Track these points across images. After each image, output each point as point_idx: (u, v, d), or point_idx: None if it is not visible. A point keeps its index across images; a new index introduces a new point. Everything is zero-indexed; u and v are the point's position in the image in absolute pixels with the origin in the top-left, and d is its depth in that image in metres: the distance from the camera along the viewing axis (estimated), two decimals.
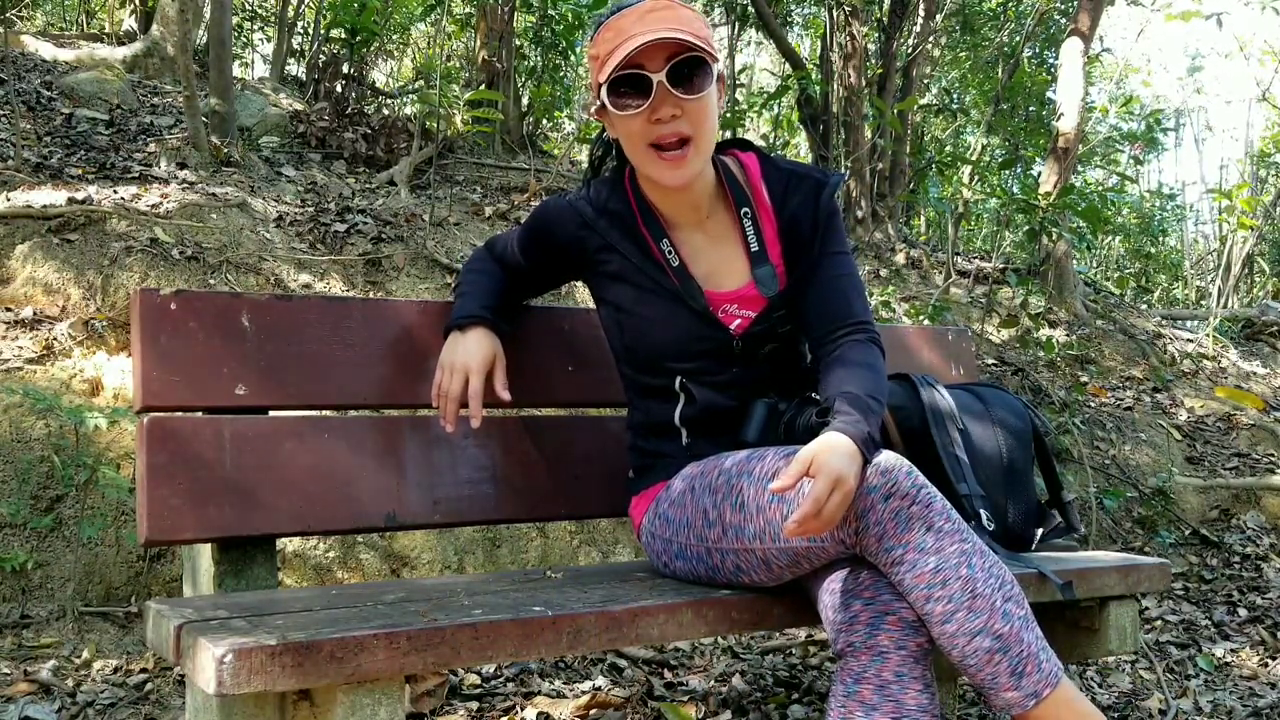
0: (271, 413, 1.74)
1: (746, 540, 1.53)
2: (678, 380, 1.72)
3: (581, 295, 3.83)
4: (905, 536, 1.39)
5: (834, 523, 1.38)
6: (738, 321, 1.70)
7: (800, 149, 8.75)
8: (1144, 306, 7.11)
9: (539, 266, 1.82)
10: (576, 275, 1.82)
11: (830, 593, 1.48)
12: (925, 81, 8.12)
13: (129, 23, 6.64)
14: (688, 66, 1.55)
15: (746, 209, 1.72)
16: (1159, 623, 3.18)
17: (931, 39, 7.06)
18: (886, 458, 1.43)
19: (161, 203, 3.47)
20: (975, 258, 6.35)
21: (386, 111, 5.72)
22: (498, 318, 1.79)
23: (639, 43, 1.51)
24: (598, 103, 1.62)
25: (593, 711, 2.24)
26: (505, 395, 1.75)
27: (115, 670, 2.22)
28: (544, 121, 6.24)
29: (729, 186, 1.73)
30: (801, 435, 1.63)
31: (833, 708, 1.44)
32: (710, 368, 1.71)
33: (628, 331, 1.74)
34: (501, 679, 2.42)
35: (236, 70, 6.08)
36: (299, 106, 5.45)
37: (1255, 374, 5.70)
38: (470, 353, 1.73)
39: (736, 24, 6.79)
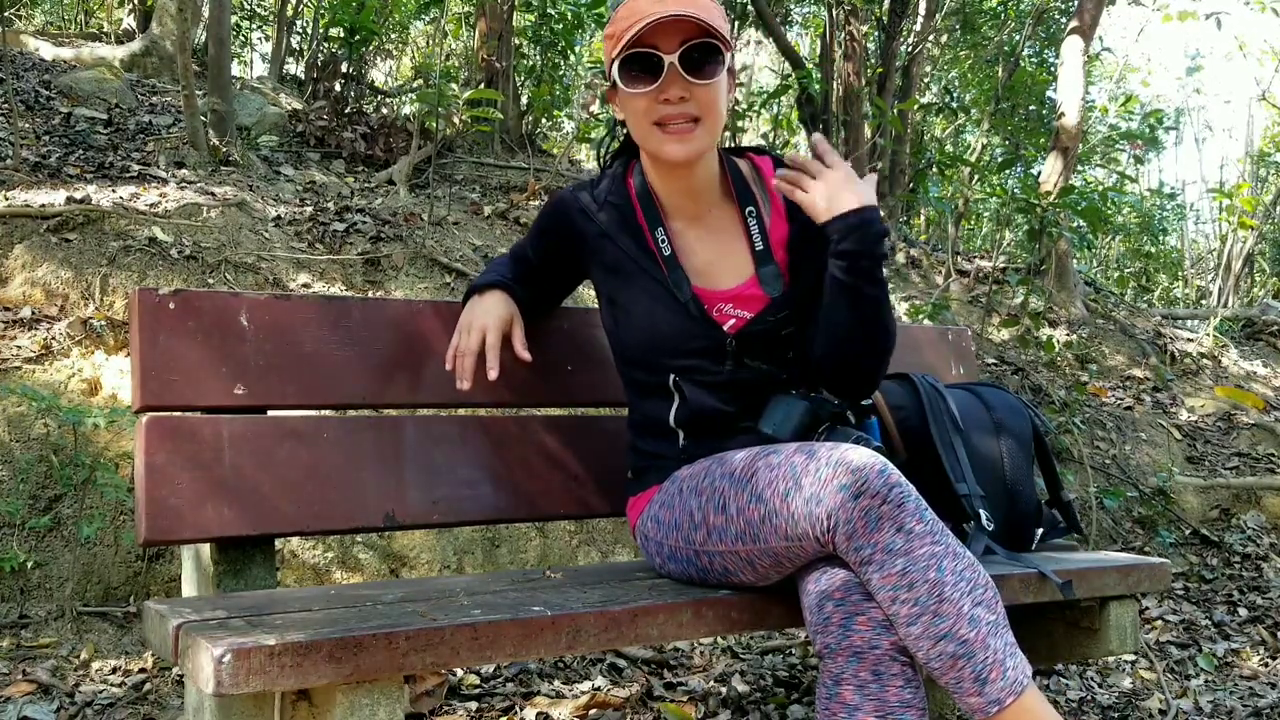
0: (270, 412, 1.73)
1: (729, 542, 1.53)
2: (671, 378, 1.71)
3: (582, 295, 3.82)
4: (874, 536, 1.38)
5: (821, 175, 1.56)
6: (732, 321, 1.69)
7: (800, 149, 8.75)
8: (1144, 306, 7.11)
9: (547, 259, 1.83)
10: (580, 267, 1.81)
11: (807, 594, 1.48)
12: (925, 81, 8.12)
13: (127, 21, 6.64)
14: (700, 51, 1.56)
15: (751, 208, 1.72)
16: (1159, 622, 3.18)
17: (931, 38, 7.05)
18: (859, 455, 1.42)
19: (160, 202, 3.46)
20: (975, 257, 6.35)
21: (385, 111, 5.71)
22: (516, 285, 1.82)
23: (653, 19, 1.53)
24: (609, 82, 1.64)
25: (592, 712, 2.24)
26: (525, 355, 1.76)
27: (114, 670, 2.22)
28: (543, 121, 6.24)
29: (735, 185, 1.73)
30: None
31: (819, 709, 1.44)
32: (704, 366, 1.69)
33: (622, 326, 1.74)
34: (501, 679, 2.42)
35: (235, 69, 6.07)
36: (298, 106, 5.44)
37: (1256, 374, 5.70)
38: (487, 311, 1.76)
39: (736, 23, 6.79)
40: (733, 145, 1.82)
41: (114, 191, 3.47)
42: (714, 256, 1.72)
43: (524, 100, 5.87)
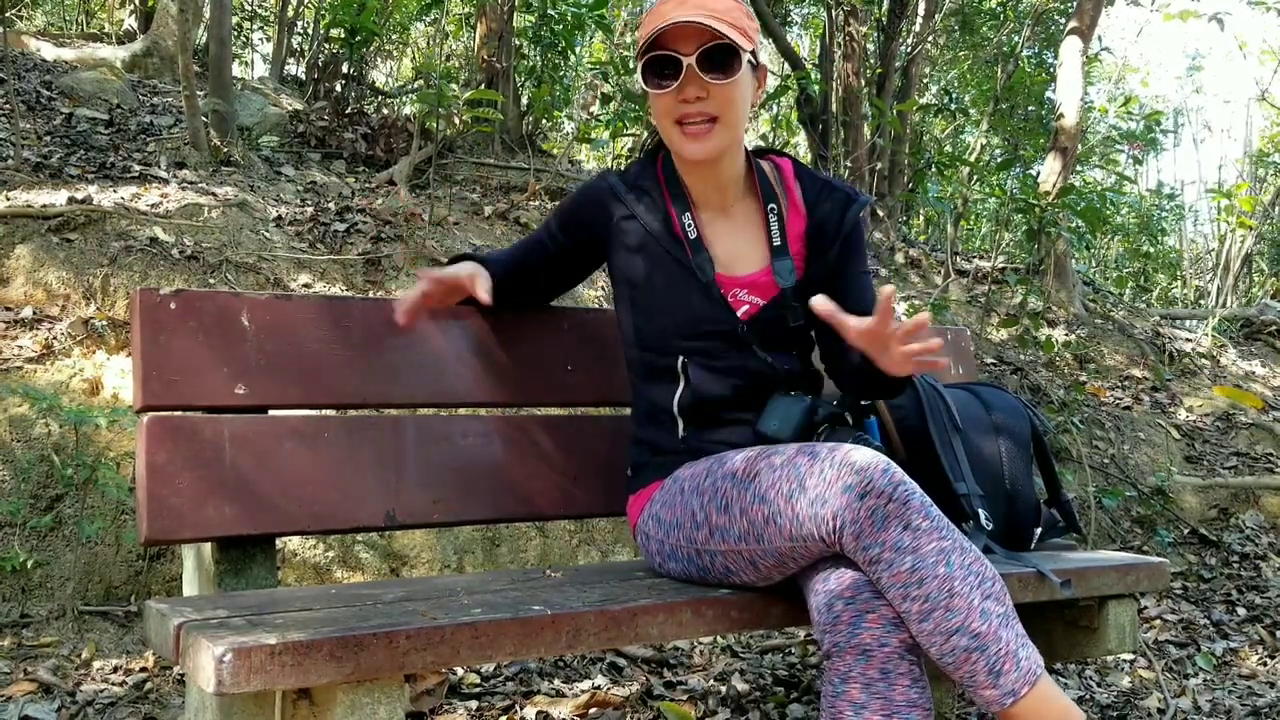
0: (271, 412, 1.74)
1: (732, 542, 1.55)
2: (680, 360, 1.74)
3: (582, 295, 3.83)
4: (881, 535, 1.39)
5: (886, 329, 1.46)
6: (745, 307, 1.74)
7: (800, 149, 8.75)
8: (1143, 306, 7.11)
9: (570, 238, 1.85)
10: (600, 251, 1.85)
11: (815, 594, 1.48)
12: (924, 81, 8.12)
13: (129, 22, 6.64)
14: (718, 52, 1.61)
15: (774, 205, 1.78)
16: (1158, 622, 3.19)
17: (931, 38, 7.06)
18: (862, 455, 1.44)
19: (161, 202, 3.47)
20: (974, 257, 6.35)
21: (386, 111, 5.72)
22: (492, 266, 1.85)
23: (668, 23, 1.58)
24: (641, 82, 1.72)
25: (592, 710, 2.25)
26: (486, 299, 1.77)
27: (115, 669, 2.23)
28: (543, 121, 6.24)
29: (760, 183, 1.79)
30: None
31: (824, 708, 1.44)
32: (714, 350, 1.72)
33: (639, 307, 1.77)
34: (501, 678, 2.43)
35: (236, 70, 6.08)
36: (299, 106, 5.45)
37: (1254, 373, 5.70)
38: (445, 269, 1.81)
39: None
40: (758, 147, 1.91)
41: (115, 192, 3.47)
42: (734, 245, 1.78)
43: (524, 101, 5.87)
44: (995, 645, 1.37)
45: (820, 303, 1.53)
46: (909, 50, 6.47)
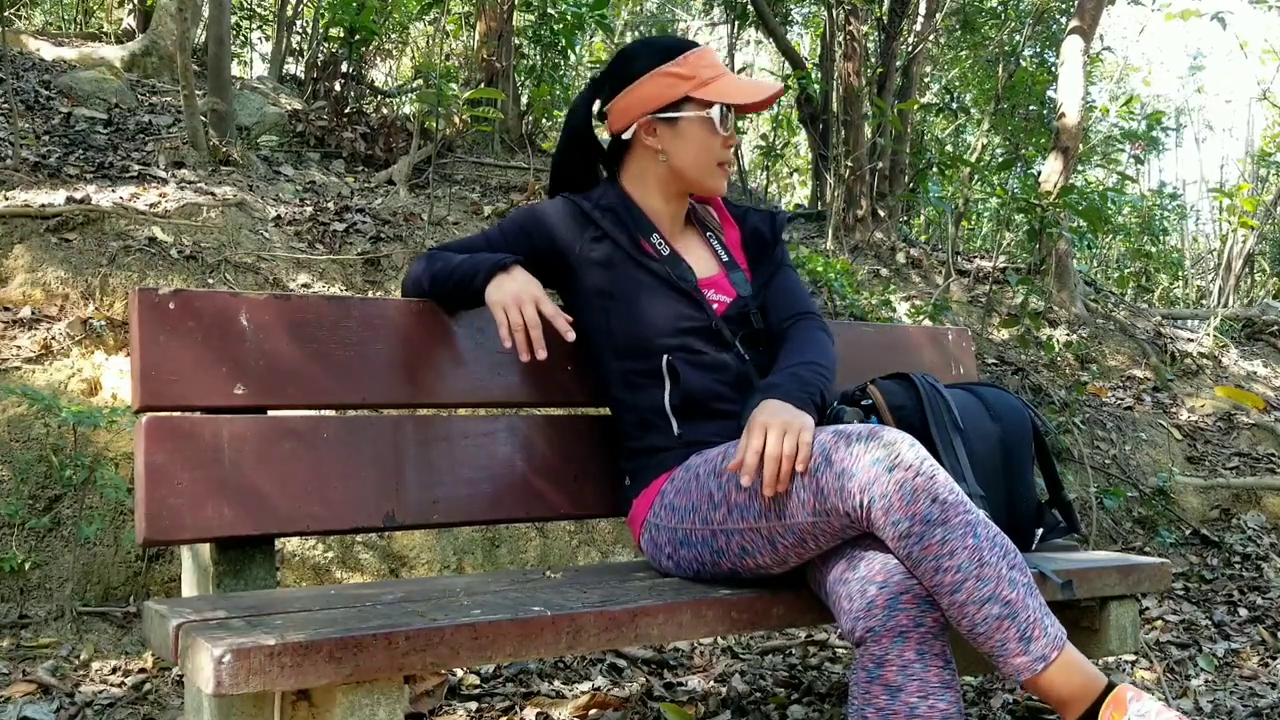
0: (270, 412, 1.73)
1: (751, 519, 1.56)
2: (664, 360, 1.77)
3: None
4: (912, 509, 1.41)
5: (792, 457, 1.50)
6: (716, 305, 1.84)
7: (800, 149, 8.75)
8: (1144, 306, 7.10)
9: (523, 254, 1.85)
10: (552, 272, 1.87)
11: (843, 582, 1.50)
12: (925, 80, 8.12)
13: (128, 22, 6.63)
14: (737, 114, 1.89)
15: (710, 232, 1.98)
16: (1159, 622, 3.18)
17: (931, 38, 7.05)
18: (889, 432, 1.48)
19: (160, 202, 3.46)
20: (975, 257, 6.35)
21: (385, 111, 5.71)
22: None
23: (765, 94, 1.81)
24: (671, 115, 1.82)
25: (592, 712, 2.24)
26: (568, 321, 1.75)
27: (114, 670, 2.22)
28: (543, 121, 6.24)
29: (694, 218, 1.99)
30: None
31: (855, 695, 1.45)
32: (694, 345, 1.79)
33: (615, 316, 1.81)
34: (501, 679, 2.42)
35: (235, 69, 6.07)
36: (298, 106, 5.44)
37: (1256, 374, 5.69)
38: (528, 283, 1.75)
39: (736, 23, 6.79)
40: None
41: (114, 191, 3.47)
42: (691, 255, 1.91)
43: (524, 100, 5.86)
44: (1025, 612, 1.41)
45: None
46: (910, 49, 6.46)
